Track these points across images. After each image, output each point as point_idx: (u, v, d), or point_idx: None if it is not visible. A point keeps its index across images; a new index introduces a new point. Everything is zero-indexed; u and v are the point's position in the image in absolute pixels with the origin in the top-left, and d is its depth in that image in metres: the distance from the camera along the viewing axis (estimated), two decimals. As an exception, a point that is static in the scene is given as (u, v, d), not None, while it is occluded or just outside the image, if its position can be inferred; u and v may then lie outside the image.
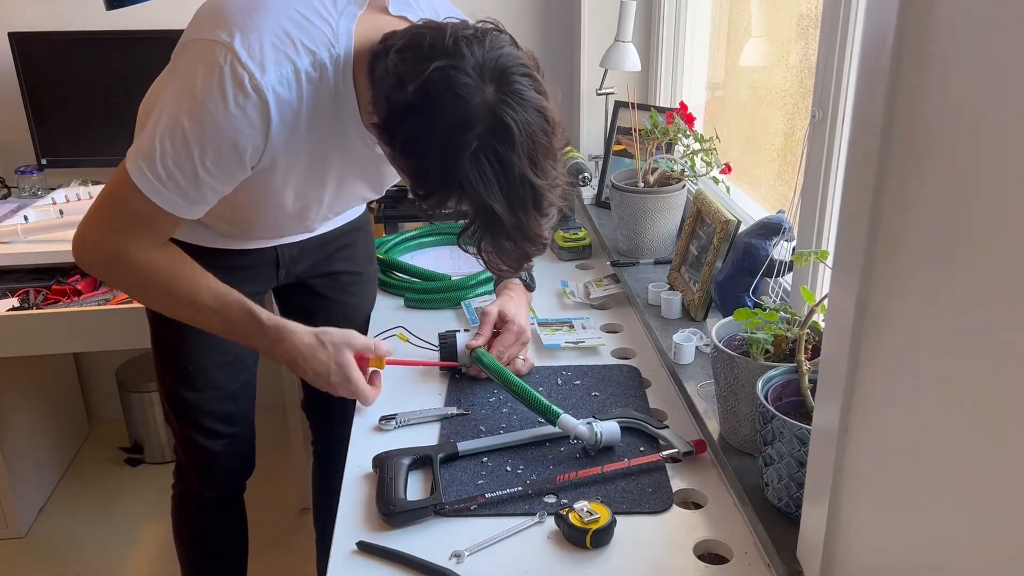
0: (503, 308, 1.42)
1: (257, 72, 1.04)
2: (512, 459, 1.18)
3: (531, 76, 1.01)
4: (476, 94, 0.97)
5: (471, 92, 0.96)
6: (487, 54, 0.98)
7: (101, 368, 2.83)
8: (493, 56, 0.99)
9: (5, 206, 2.35)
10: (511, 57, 1.00)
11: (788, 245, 1.33)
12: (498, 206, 0.99)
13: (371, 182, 1.34)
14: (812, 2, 1.43)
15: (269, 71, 1.05)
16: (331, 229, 1.51)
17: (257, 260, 1.44)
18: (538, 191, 1.01)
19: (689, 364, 1.37)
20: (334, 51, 1.09)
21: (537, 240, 1.06)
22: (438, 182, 1.01)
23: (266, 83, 1.05)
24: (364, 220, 1.62)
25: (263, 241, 1.43)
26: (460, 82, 0.96)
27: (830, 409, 0.83)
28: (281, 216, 1.31)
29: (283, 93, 1.07)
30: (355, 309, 1.60)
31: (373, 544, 1.03)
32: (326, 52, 1.09)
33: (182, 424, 1.51)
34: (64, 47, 2.33)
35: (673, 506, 1.10)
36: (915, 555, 0.73)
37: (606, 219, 1.98)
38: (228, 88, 1.04)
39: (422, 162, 1.01)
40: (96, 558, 2.32)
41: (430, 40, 0.99)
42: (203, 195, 1.12)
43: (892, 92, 0.70)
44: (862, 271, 0.76)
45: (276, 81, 1.06)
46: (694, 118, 1.75)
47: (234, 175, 1.12)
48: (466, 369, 1.40)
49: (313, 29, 1.09)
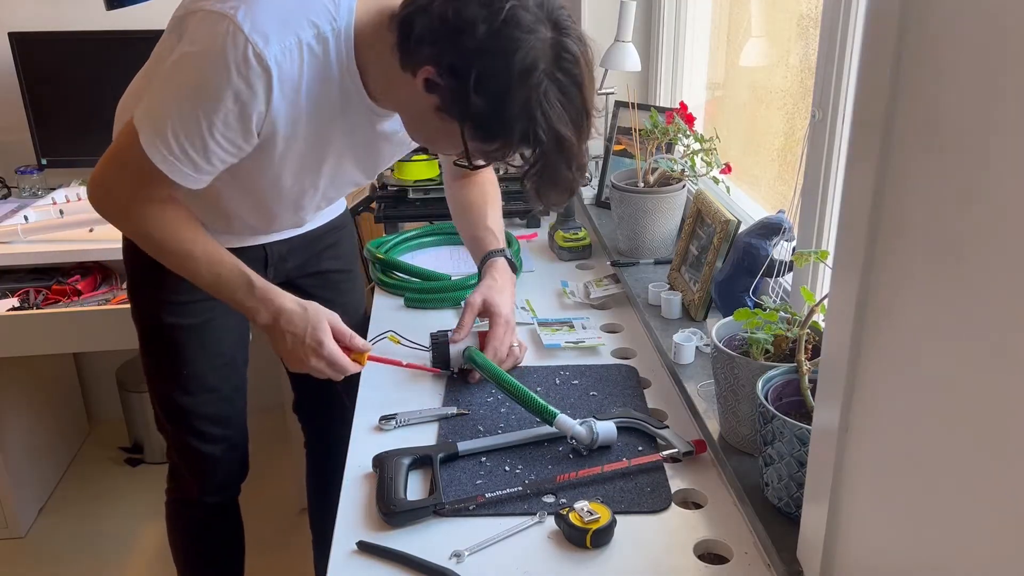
0: (487, 297, 1.40)
1: (260, 43, 1.06)
2: (511, 459, 1.18)
3: (571, 16, 1.10)
4: (540, 31, 1.04)
5: (536, 29, 1.04)
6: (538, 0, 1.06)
7: (101, 368, 2.83)
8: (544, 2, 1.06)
9: (5, 206, 2.35)
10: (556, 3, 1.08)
11: (788, 245, 1.33)
12: (566, 132, 1.07)
13: (365, 166, 1.36)
14: (812, 2, 1.43)
15: (272, 42, 1.07)
16: (317, 226, 1.53)
17: (246, 257, 1.44)
18: (591, 118, 1.11)
19: (689, 364, 1.37)
20: (336, 25, 1.11)
21: (585, 166, 1.16)
22: (514, 117, 1.06)
23: (269, 53, 1.07)
24: (347, 218, 1.65)
25: (253, 237, 1.44)
26: (527, 20, 1.03)
27: (830, 409, 0.83)
28: (278, 201, 1.32)
29: (285, 65, 1.09)
30: (348, 308, 1.60)
31: (373, 544, 1.03)
32: (328, 25, 1.11)
33: (176, 429, 1.50)
34: (64, 47, 2.33)
35: (673, 506, 1.10)
36: (915, 555, 0.73)
37: (606, 219, 1.98)
38: (231, 59, 1.06)
39: (498, 101, 1.05)
40: (96, 558, 2.32)
41: None
42: (212, 165, 1.15)
43: (892, 92, 0.70)
44: (862, 271, 0.76)
45: (279, 52, 1.08)
46: (694, 118, 1.75)
47: (241, 145, 1.14)
48: (455, 373, 1.40)
49: (315, 2, 1.11)
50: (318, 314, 1.27)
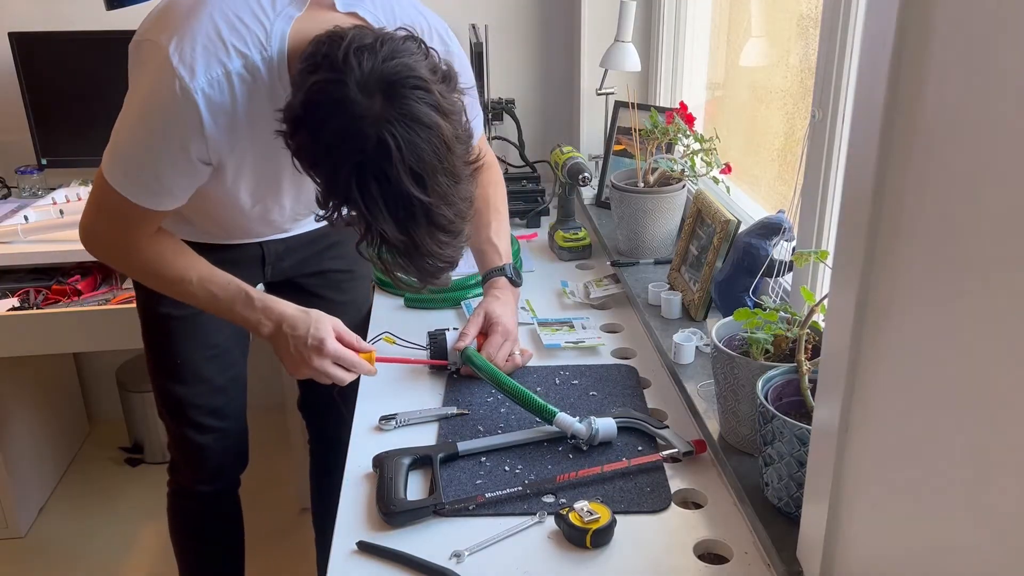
0: (488, 309, 1.42)
1: (187, 76, 1.08)
2: (511, 460, 1.18)
3: (425, 89, 0.97)
4: (360, 109, 0.95)
5: (354, 107, 0.95)
6: (378, 65, 0.96)
7: (101, 368, 2.83)
8: (386, 68, 0.96)
9: (5, 206, 2.35)
10: (406, 68, 0.97)
11: (788, 245, 1.33)
12: (384, 223, 0.98)
13: None
14: (812, 2, 1.43)
15: (199, 74, 1.08)
16: (316, 227, 1.52)
17: (242, 255, 1.45)
18: (428, 208, 0.98)
19: (689, 364, 1.37)
20: (266, 53, 1.11)
21: (434, 257, 1.03)
22: (327, 193, 1.01)
23: (195, 86, 1.08)
24: None
25: (246, 238, 1.44)
26: (340, 96, 0.95)
27: (830, 409, 0.83)
28: (245, 218, 1.34)
29: (213, 95, 1.09)
30: (350, 307, 1.61)
31: (373, 544, 1.03)
32: (258, 54, 1.11)
33: (172, 418, 1.52)
34: (64, 47, 2.33)
35: (673, 506, 1.10)
36: (915, 555, 0.73)
37: (606, 219, 1.98)
38: (163, 92, 1.09)
39: (312, 172, 1.02)
40: (96, 558, 2.32)
41: (325, 50, 0.99)
42: (172, 191, 1.18)
43: (892, 92, 0.70)
44: (862, 271, 0.76)
45: (205, 84, 1.09)
46: (694, 118, 1.75)
47: (190, 172, 1.16)
48: (455, 367, 1.40)
49: (246, 31, 1.11)
50: (320, 317, 1.28)
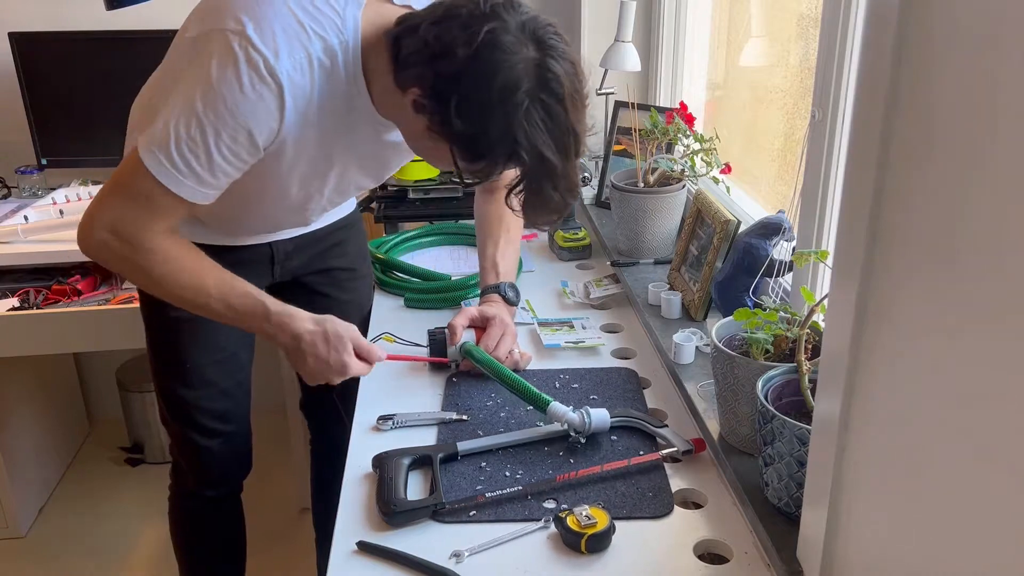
0: (481, 310, 1.43)
1: (272, 58, 1.07)
2: (511, 463, 1.18)
3: (560, 34, 1.09)
4: (522, 52, 1.04)
5: (518, 50, 1.03)
6: (520, 16, 1.06)
7: (101, 368, 2.83)
8: (527, 18, 1.06)
9: (5, 206, 2.35)
10: (541, 18, 1.08)
11: (788, 245, 1.33)
12: (549, 154, 1.06)
13: (372, 173, 1.37)
14: (812, 2, 1.43)
15: (283, 57, 1.07)
16: (324, 225, 1.53)
17: (252, 256, 1.45)
18: (579, 137, 1.09)
19: (689, 364, 1.36)
20: (343, 37, 1.12)
21: (575, 187, 1.14)
22: (496, 140, 1.05)
23: (281, 68, 1.07)
24: (356, 217, 1.64)
25: (258, 236, 1.44)
26: (507, 42, 1.03)
27: (830, 409, 0.83)
28: (282, 207, 1.33)
29: (297, 79, 1.09)
30: (352, 306, 1.61)
31: (373, 544, 1.03)
32: (336, 39, 1.12)
33: (177, 422, 1.51)
34: (64, 47, 2.33)
35: (673, 506, 1.10)
36: (915, 555, 0.73)
37: (606, 219, 1.98)
38: (244, 74, 1.06)
39: (479, 124, 1.05)
40: (96, 558, 2.32)
41: (468, 9, 1.04)
42: (217, 180, 1.14)
43: (892, 92, 0.70)
44: (862, 271, 0.76)
45: (290, 67, 1.08)
46: (694, 118, 1.75)
47: (247, 160, 1.14)
48: (457, 365, 1.41)
49: (322, 17, 1.11)
50: (339, 334, 1.25)
